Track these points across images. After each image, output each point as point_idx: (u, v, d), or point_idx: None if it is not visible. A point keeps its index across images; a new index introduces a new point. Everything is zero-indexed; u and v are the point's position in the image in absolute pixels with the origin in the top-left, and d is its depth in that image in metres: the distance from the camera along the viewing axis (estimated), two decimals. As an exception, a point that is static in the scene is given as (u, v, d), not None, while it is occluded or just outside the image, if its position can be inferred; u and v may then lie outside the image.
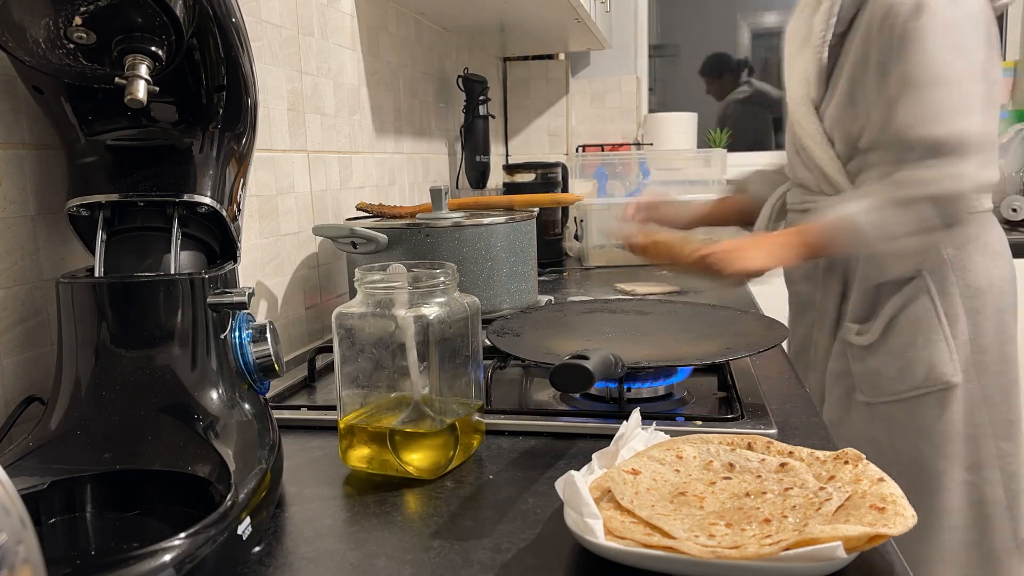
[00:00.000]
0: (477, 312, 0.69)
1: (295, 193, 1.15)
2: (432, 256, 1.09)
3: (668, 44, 2.93)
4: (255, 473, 0.55)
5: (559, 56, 2.67)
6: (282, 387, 0.88)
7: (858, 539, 0.45)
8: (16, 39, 0.55)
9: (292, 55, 1.14)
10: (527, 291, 1.20)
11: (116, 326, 0.60)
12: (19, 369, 0.68)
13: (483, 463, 0.68)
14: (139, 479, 0.55)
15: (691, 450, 0.59)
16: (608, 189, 2.41)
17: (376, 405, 0.67)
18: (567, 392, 0.81)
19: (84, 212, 0.65)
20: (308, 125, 1.19)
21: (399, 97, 1.61)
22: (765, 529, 0.47)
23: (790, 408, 0.78)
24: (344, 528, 0.57)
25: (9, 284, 0.67)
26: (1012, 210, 2.35)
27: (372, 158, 1.46)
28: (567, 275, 1.74)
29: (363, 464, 0.66)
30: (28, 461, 0.55)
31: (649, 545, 0.47)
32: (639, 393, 0.82)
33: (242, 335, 0.65)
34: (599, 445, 0.61)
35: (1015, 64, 2.66)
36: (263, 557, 0.53)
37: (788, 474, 0.54)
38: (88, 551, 0.52)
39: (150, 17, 0.54)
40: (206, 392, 0.60)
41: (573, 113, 2.80)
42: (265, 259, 1.07)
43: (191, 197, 0.65)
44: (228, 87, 0.66)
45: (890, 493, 0.49)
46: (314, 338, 1.20)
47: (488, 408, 0.77)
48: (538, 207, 1.34)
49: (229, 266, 0.66)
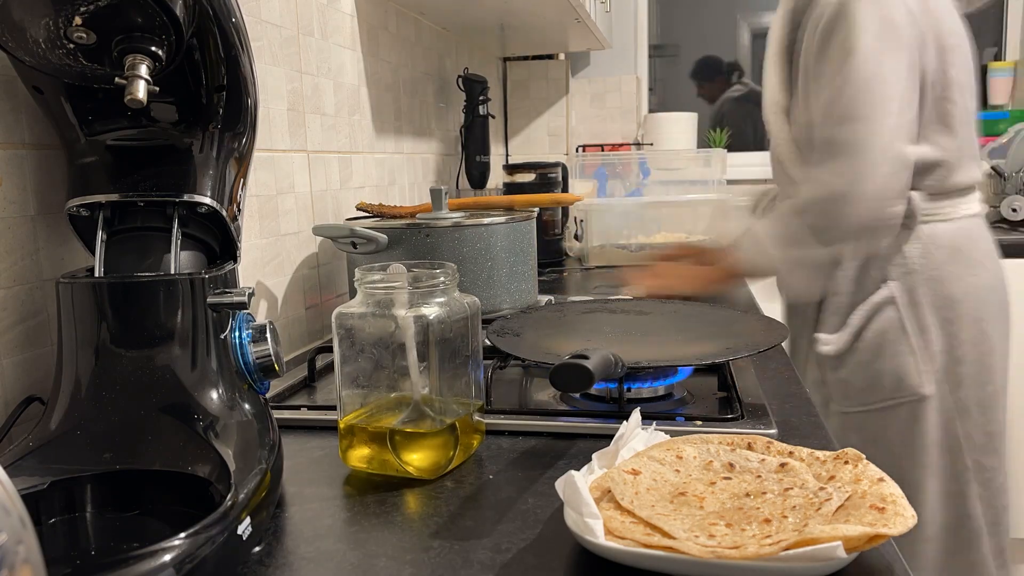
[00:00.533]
0: (477, 312, 0.69)
1: (295, 193, 1.15)
2: (432, 256, 1.09)
3: (668, 44, 2.93)
4: (255, 473, 0.55)
5: (559, 56, 2.67)
6: (282, 387, 0.89)
7: (858, 539, 0.45)
8: (16, 39, 0.55)
9: (292, 55, 1.14)
10: (527, 291, 1.20)
11: (116, 326, 0.60)
12: (19, 369, 0.68)
13: (483, 463, 0.68)
14: (139, 479, 0.55)
15: (691, 450, 0.59)
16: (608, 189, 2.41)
17: (376, 405, 0.67)
18: (567, 392, 0.81)
19: (84, 212, 0.65)
20: (308, 125, 1.19)
21: (399, 97, 1.61)
22: (765, 529, 0.47)
23: (790, 408, 0.78)
24: (344, 528, 0.57)
25: (9, 284, 0.67)
26: (1012, 210, 2.35)
27: (372, 158, 1.46)
28: (567, 275, 1.74)
29: (363, 464, 0.66)
30: (28, 461, 0.55)
31: (649, 545, 0.47)
32: (639, 393, 0.82)
33: (242, 335, 0.65)
34: (599, 445, 0.61)
35: (1015, 64, 2.66)
36: (263, 557, 0.53)
37: (788, 474, 0.54)
38: (88, 551, 0.52)
39: (150, 17, 0.54)
40: (206, 392, 0.60)
41: (573, 113, 2.80)
42: (265, 259, 1.07)
43: (191, 197, 0.65)
44: (228, 87, 0.66)
45: (890, 493, 0.49)
46: (314, 338, 1.20)
47: (488, 408, 0.77)
48: (538, 207, 1.34)
49: (229, 266, 0.66)
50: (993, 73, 2.68)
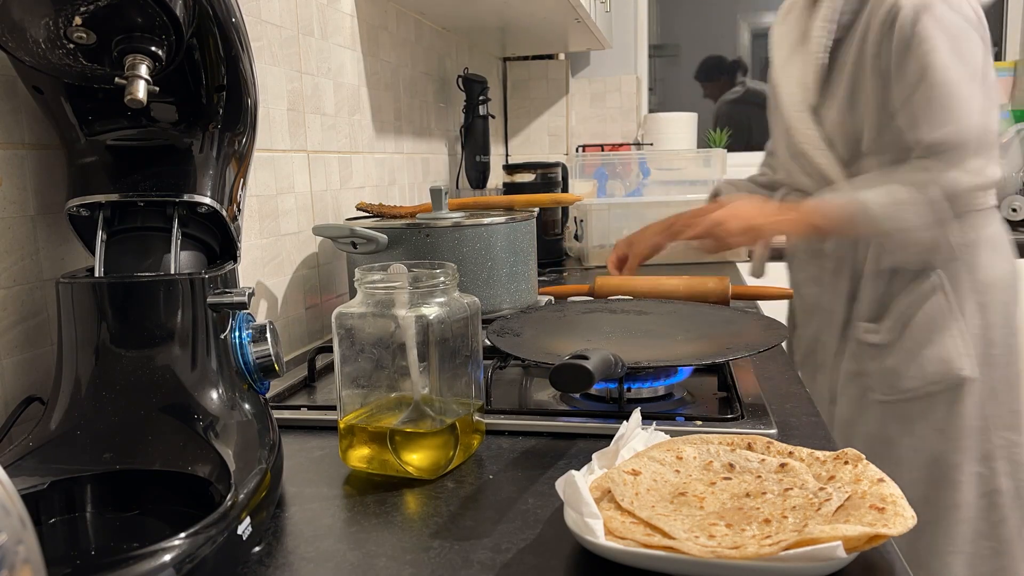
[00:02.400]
0: (477, 312, 0.69)
1: (295, 193, 1.15)
2: (432, 256, 1.09)
3: (668, 44, 2.93)
4: (255, 473, 0.55)
5: (559, 56, 2.67)
6: (282, 387, 0.88)
7: (858, 539, 0.45)
8: (16, 39, 0.55)
9: (292, 55, 1.14)
10: (527, 291, 1.20)
11: (116, 326, 0.60)
12: (19, 369, 0.68)
13: (483, 463, 0.68)
14: (139, 479, 0.55)
15: (691, 450, 0.59)
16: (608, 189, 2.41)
17: (376, 405, 0.67)
18: (567, 392, 0.81)
19: (84, 212, 0.65)
20: (308, 125, 1.19)
21: (399, 97, 1.61)
22: (765, 529, 0.47)
23: (790, 408, 0.78)
24: (344, 528, 0.57)
25: (9, 284, 0.67)
26: (1012, 210, 2.35)
27: (372, 158, 1.46)
28: (567, 275, 1.73)
29: (363, 464, 0.66)
30: (28, 461, 0.55)
31: (649, 545, 0.47)
32: (639, 393, 0.82)
33: (242, 335, 0.65)
34: (599, 445, 0.61)
35: (1015, 64, 2.66)
36: (263, 557, 0.53)
37: (788, 474, 0.54)
38: (88, 551, 0.52)
39: (150, 17, 0.54)
40: (206, 392, 0.60)
41: (573, 113, 2.80)
42: (265, 259, 1.07)
43: (191, 197, 0.65)
44: (228, 87, 0.66)
45: (890, 493, 0.49)
46: (314, 338, 1.20)
47: (488, 408, 0.77)
48: (538, 207, 1.33)
49: (229, 266, 0.66)
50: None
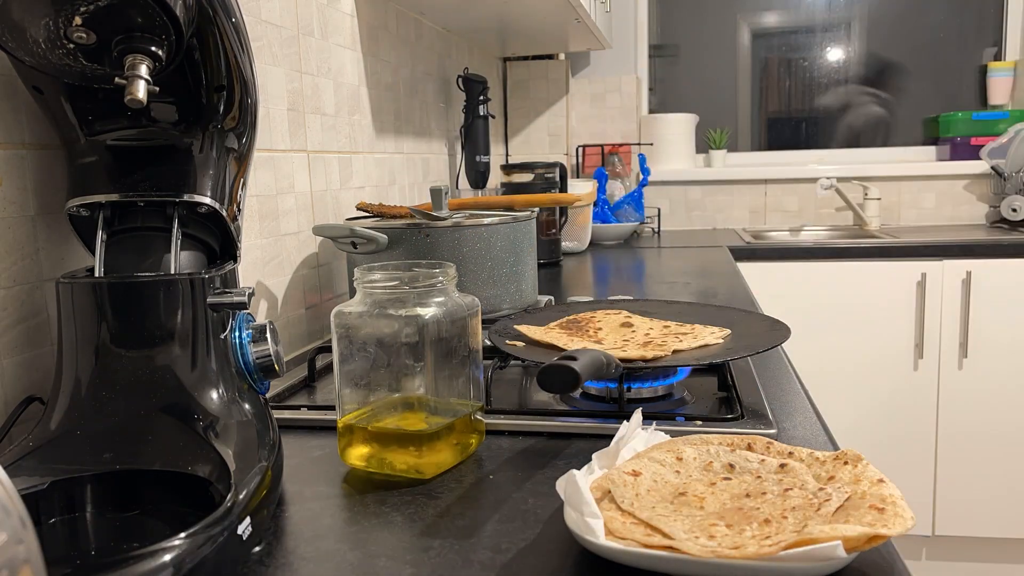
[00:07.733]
0: (476, 312, 0.69)
1: (295, 193, 1.15)
2: (432, 256, 1.09)
3: (668, 44, 2.93)
4: (255, 473, 0.55)
5: (559, 56, 2.67)
6: (282, 387, 0.89)
7: (857, 539, 0.45)
8: (16, 39, 0.55)
9: (292, 55, 1.14)
10: (527, 291, 1.20)
11: (116, 326, 0.60)
12: (19, 369, 0.68)
13: (483, 463, 0.68)
14: (139, 479, 0.55)
15: (691, 451, 0.59)
16: (608, 189, 2.41)
17: (375, 405, 0.67)
18: (554, 393, 0.81)
19: (84, 212, 0.65)
20: (308, 125, 1.19)
21: (399, 97, 1.61)
22: (765, 530, 0.47)
23: (790, 408, 0.78)
24: (344, 528, 0.57)
25: (9, 284, 0.67)
26: (1012, 210, 2.35)
27: (372, 158, 1.46)
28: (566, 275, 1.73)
29: (362, 462, 0.66)
30: (28, 461, 0.55)
31: (649, 545, 0.47)
32: (639, 393, 0.82)
33: (242, 335, 0.65)
34: (599, 445, 0.61)
35: (1015, 64, 2.66)
36: (263, 557, 0.53)
37: (788, 475, 0.54)
38: (88, 551, 0.52)
39: (150, 17, 0.54)
40: (206, 392, 0.60)
41: (573, 113, 2.80)
42: (265, 259, 1.07)
43: (191, 197, 0.65)
44: (228, 87, 0.66)
45: (889, 494, 0.49)
46: (314, 338, 1.20)
47: (488, 408, 0.77)
48: (538, 207, 1.33)
49: (229, 266, 0.66)
50: (993, 73, 2.68)
